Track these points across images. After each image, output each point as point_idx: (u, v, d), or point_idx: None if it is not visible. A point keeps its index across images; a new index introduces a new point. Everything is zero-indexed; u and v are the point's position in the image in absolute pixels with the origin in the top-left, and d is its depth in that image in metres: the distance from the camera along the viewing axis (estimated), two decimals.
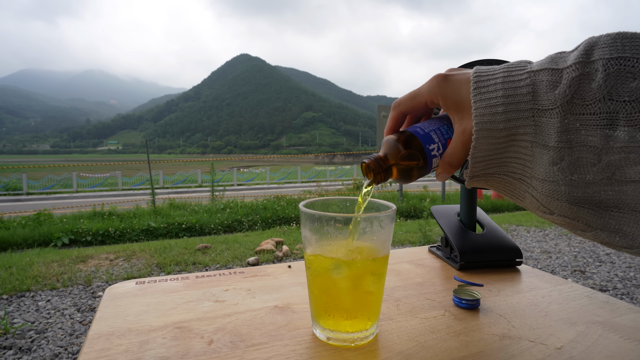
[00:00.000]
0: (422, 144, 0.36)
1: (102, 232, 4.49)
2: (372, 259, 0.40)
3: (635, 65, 0.25)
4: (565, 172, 0.28)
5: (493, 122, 0.30)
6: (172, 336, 0.43)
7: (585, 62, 0.27)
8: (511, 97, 0.30)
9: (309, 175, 17.60)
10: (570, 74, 0.27)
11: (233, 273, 0.63)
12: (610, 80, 0.26)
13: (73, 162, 70.19)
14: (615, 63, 0.26)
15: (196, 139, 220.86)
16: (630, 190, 0.26)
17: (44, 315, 2.27)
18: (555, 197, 0.29)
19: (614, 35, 0.27)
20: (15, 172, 13.98)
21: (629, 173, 0.26)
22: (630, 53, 0.26)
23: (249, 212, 5.55)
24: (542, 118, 0.28)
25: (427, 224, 4.32)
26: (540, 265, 3.19)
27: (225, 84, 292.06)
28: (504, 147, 0.31)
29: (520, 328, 0.45)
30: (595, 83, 0.26)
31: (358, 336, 0.41)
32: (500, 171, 0.33)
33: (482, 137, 0.31)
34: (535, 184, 0.31)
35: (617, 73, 0.26)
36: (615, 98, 0.26)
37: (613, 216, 0.27)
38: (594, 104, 0.26)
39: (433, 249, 0.74)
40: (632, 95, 0.25)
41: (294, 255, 3.51)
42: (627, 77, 0.25)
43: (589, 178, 0.27)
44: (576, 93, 0.27)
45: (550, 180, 0.29)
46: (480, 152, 0.32)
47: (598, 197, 0.28)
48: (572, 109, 0.27)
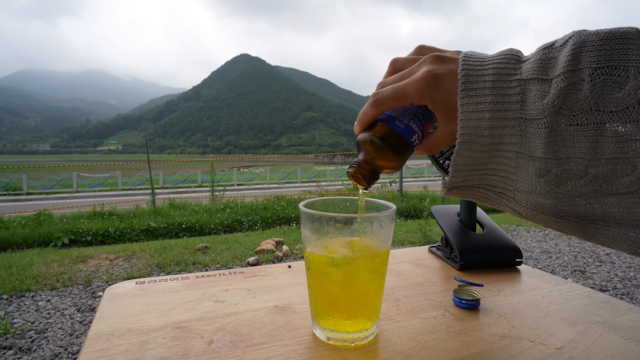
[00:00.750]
0: (404, 139, 0.34)
1: (102, 232, 4.49)
2: (372, 259, 0.40)
3: (621, 74, 0.24)
4: (551, 184, 0.27)
5: (479, 128, 0.29)
6: (172, 336, 0.43)
7: (573, 71, 0.26)
8: (500, 104, 0.29)
9: (309, 175, 17.59)
10: (559, 84, 0.26)
11: (233, 273, 0.63)
12: (597, 91, 0.25)
13: (73, 162, 70.19)
14: (601, 72, 0.25)
15: (196, 139, 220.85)
16: (617, 203, 0.25)
17: (44, 315, 2.27)
18: (540, 210, 0.29)
19: (603, 36, 0.25)
20: (15, 172, 13.97)
21: (616, 185, 0.25)
22: (617, 61, 0.25)
23: (249, 212, 5.55)
24: (529, 128, 0.27)
25: (427, 224, 4.32)
26: (540, 265, 3.19)
27: (225, 84, 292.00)
28: (487, 157, 0.30)
29: (520, 328, 0.45)
30: (582, 94, 0.25)
31: (358, 336, 0.41)
32: (480, 184, 0.32)
33: (466, 142, 0.30)
34: (519, 197, 0.30)
35: (603, 83, 0.25)
36: (602, 109, 0.25)
37: (598, 230, 0.27)
38: (581, 114, 0.25)
39: (433, 249, 0.74)
40: (619, 106, 0.24)
41: (294, 255, 3.51)
42: (614, 87, 0.24)
43: (575, 191, 0.27)
44: (564, 103, 0.26)
45: (535, 192, 0.28)
46: (463, 159, 0.31)
47: (584, 210, 0.27)
48: (560, 120, 0.26)
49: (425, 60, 0.33)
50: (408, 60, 0.36)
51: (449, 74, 0.31)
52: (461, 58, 0.31)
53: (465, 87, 0.30)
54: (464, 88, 0.30)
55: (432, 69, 0.32)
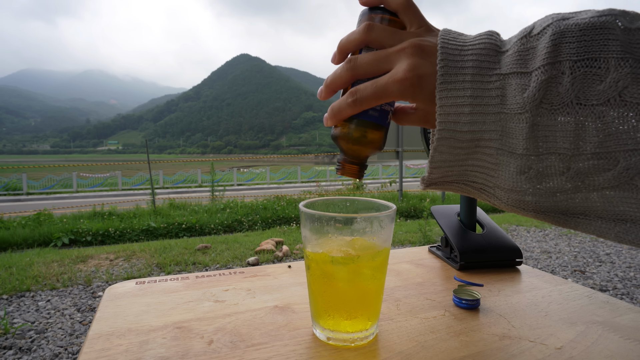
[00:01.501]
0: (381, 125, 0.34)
1: (102, 232, 4.49)
2: (372, 258, 0.40)
3: (602, 66, 0.24)
4: (532, 181, 0.27)
5: (457, 124, 0.29)
6: (172, 336, 0.43)
7: (553, 63, 0.25)
8: (479, 98, 0.28)
9: (309, 175, 17.60)
10: (539, 77, 0.25)
11: (233, 273, 0.63)
12: (578, 84, 0.24)
13: (73, 162, 70.21)
14: (582, 65, 0.24)
15: (196, 139, 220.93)
16: (598, 198, 0.25)
17: (44, 315, 2.27)
18: (521, 207, 0.28)
19: (583, 27, 0.25)
20: (15, 172, 13.98)
21: (597, 180, 0.25)
22: (597, 52, 0.24)
23: (249, 212, 5.56)
24: (509, 123, 0.27)
25: (427, 224, 4.32)
26: (540, 265, 3.19)
27: (225, 84, 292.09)
28: (467, 154, 0.30)
29: (520, 328, 0.45)
30: (563, 87, 0.25)
31: (358, 336, 0.41)
32: (459, 180, 0.32)
33: (444, 139, 0.29)
34: (499, 194, 0.29)
35: (584, 76, 0.24)
36: (583, 102, 0.24)
37: (579, 223, 0.27)
38: (562, 108, 0.25)
39: (433, 249, 0.74)
40: (600, 99, 0.24)
41: (294, 255, 3.51)
42: (595, 80, 0.24)
43: (557, 187, 0.26)
44: (544, 97, 0.25)
45: (516, 190, 0.28)
46: (441, 155, 0.30)
47: (565, 205, 0.27)
48: (541, 114, 0.26)
49: (405, 49, 0.31)
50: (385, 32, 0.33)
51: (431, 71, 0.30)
52: (439, 45, 0.30)
53: (444, 79, 0.29)
54: (443, 81, 0.29)
55: (414, 66, 0.30)
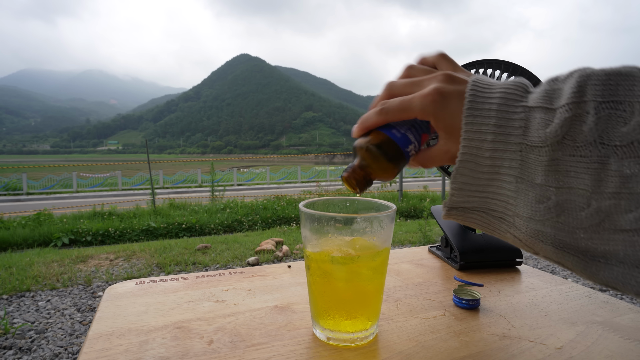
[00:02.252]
0: (400, 149, 0.34)
1: (102, 232, 4.49)
2: (372, 258, 0.40)
3: (626, 109, 0.24)
4: (551, 211, 0.27)
5: (480, 149, 0.29)
6: (172, 336, 0.43)
7: (578, 102, 0.26)
8: (503, 127, 0.29)
9: (309, 175, 17.59)
10: (563, 114, 0.26)
11: (233, 273, 0.63)
12: (602, 124, 0.25)
13: (73, 162, 70.19)
14: (606, 107, 0.25)
15: (196, 139, 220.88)
16: (620, 240, 0.25)
17: (44, 315, 2.27)
18: (540, 238, 0.28)
19: (609, 72, 0.25)
20: (15, 172, 13.97)
21: (619, 221, 0.24)
22: (622, 96, 0.25)
23: (249, 212, 5.56)
24: (530, 154, 0.27)
25: (427, 224, 4.33)
26: (540, 265, 3.19)
27: (225, 84, 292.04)
28: (488, 180, 0.30)
29: (520, 328, 0.45)
30: (587, 126, 0.25)
31: (358, 336, 0.41)
32: (480, 207, 0.32)
33: (466, 162, 0.30)
34: (519, 223, 0.29)
35: (608, 117, 0.25)
36: (606, 142, 0.24)
37: (600, 267, 0.26)
38: (584, 146, 0.25)
39: (433, 249, 0.74)
40: (624, 140, 0.24)
41: (294, 255, 3.51)
42: (619, 122, 0.24)
43: (576, 223, 0.26)
44: (567, 134, 0.26)
45: (535, 219, 0.28)
46: (463, 177, 0.31)
47: (585, 244, 0.26)
48: (562, 149, 0.26)
49: (436, 76, 0.33)
50: (422, 70, 0.36)
51: (456, 95, 0.31)
52: (471, 80, 0.32)
53: (471, 106, 0.30)
54: (470, 107, 0.30)
55: (440, 87, 0.32)
